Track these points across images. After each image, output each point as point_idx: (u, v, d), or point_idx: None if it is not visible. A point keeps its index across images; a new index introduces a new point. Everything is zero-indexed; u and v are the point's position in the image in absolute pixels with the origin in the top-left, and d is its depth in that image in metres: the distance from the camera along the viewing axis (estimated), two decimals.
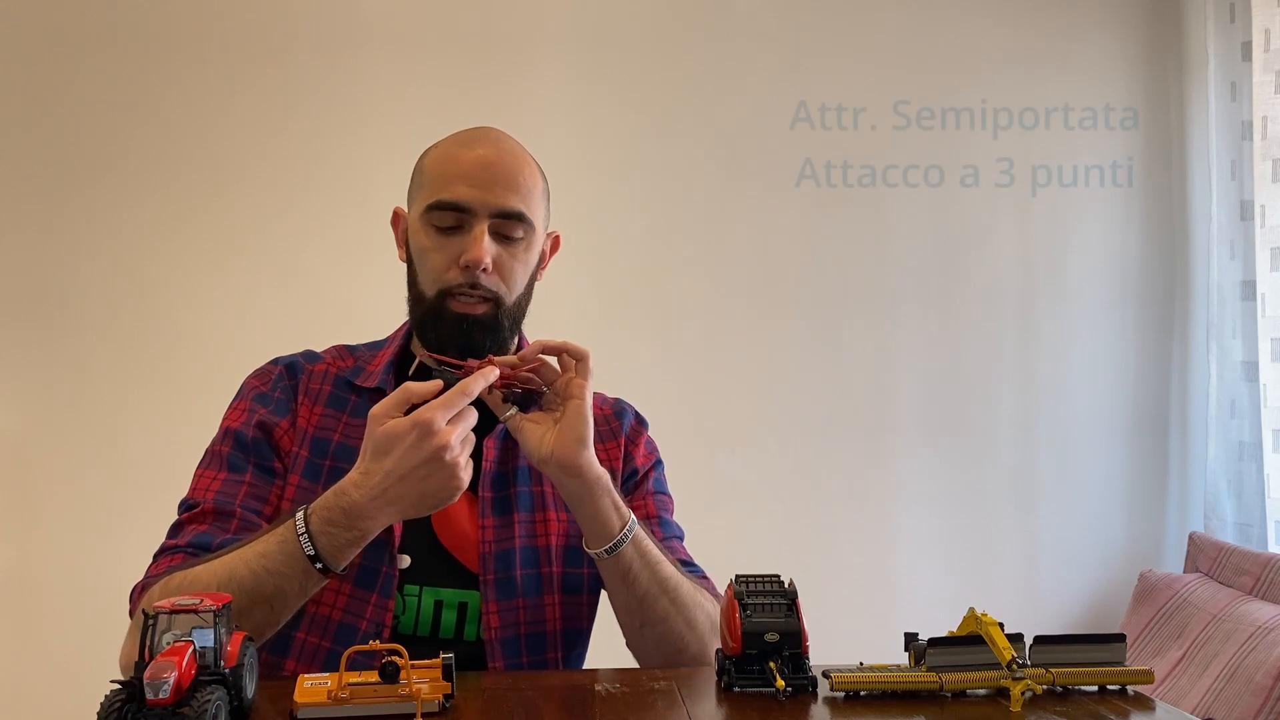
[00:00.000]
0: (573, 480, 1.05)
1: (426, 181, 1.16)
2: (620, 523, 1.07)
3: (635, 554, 1.08)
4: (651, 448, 1.29)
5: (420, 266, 1.16)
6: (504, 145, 1.17)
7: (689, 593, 1.12)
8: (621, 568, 1.08)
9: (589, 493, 1.06)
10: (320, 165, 2.41)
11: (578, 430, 1.05)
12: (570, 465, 1.04)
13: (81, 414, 2.31)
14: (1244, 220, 2.44)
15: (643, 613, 1.10)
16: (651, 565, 1.09)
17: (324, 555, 0.98)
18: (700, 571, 1.22)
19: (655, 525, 1.22)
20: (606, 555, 1.07)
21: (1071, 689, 0.92)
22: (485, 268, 1.11)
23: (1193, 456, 2.66)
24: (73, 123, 2.36)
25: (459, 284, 1.12)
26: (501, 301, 1.14)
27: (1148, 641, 2.30)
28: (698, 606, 1.12)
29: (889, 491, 2.59)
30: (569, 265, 2.51)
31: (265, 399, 1.18)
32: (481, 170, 1.13)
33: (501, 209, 1.13)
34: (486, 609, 1.13)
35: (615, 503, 1.08)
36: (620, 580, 1.09)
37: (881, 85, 2.56)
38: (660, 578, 1.10)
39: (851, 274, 2.58)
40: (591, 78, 2.52)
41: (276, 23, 2.43)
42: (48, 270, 2.35)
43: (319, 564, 0.98)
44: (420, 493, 0.98)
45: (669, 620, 1.10)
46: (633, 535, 1.08)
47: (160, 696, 0.70)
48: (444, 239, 1.13)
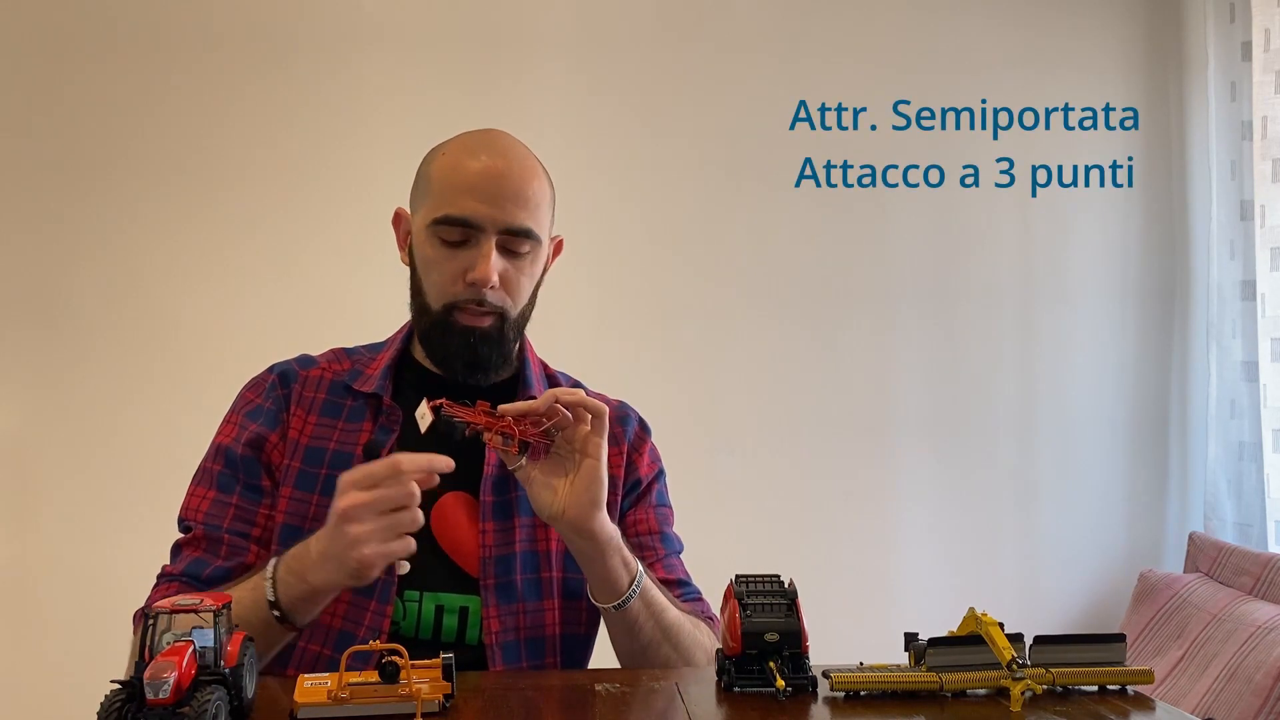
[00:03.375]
0: (584, 541, 1.04)
1: (434, 191, 1.14)
2: (629, 578, 1.07)
3: (642, 606, 1.08)
4: (655, 457, 1.28)
5: (426, 278, 1.16)
6: (512, 154, 1.16)
7: (689, 634, 1.12)
8: (628, 621, 1.08)
9: (600, 553, 1.05)
10: (321, 165, 2.41)
11: (593, 493, 1.02)
12: (583, 528, 1.03)
13: (81, 414, 2.31)
14: (1244, 220, 2.44)
15: (645, 659, 1.10)
16: (656, 614, 1.09)
17: (283, 605, 0.99)
18: (696, 593, 1.22)
19: (657, 540, 1.22)
20: (614, 610, 1.07)
21: (1071, 689, 0.92)
22: (493, 285, 1.11)
23: (1193, 456, 2.65)
24: (72, 123, 2.36)
25: (465, 299, 1.13)
26: (507, 315, 1.15)
27: (1148, 641, 2.29)
28: (697, 646, 1.12)
29: (889, 491, 2.59)
30: (569, 266, 2.51)
31: (256, 413, 1.18)
32: (490, 183, 1.12)
33: (510, 226, 1.12)
34: (487, 614, 1.12)
35: (625, 559, 1.07)
36: (625, 631, 1.09)
37: (881, 85, 2.56)
38: (664, 625, 1.09)
39: (851, 274, 2.58)
40: (592, 78, 2.52)
41: (277, 23, 2.42)
42: (48, 270, 2.35)
43: (277, 611, 0.99)
44: (336, 558, 0.96)
45: (669, 664, 1.10)
46: (640, 589, 1.07)
47: (160, 696, 0.70)
48: (451, 252, 1.13)
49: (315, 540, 0.99)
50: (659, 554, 1.20)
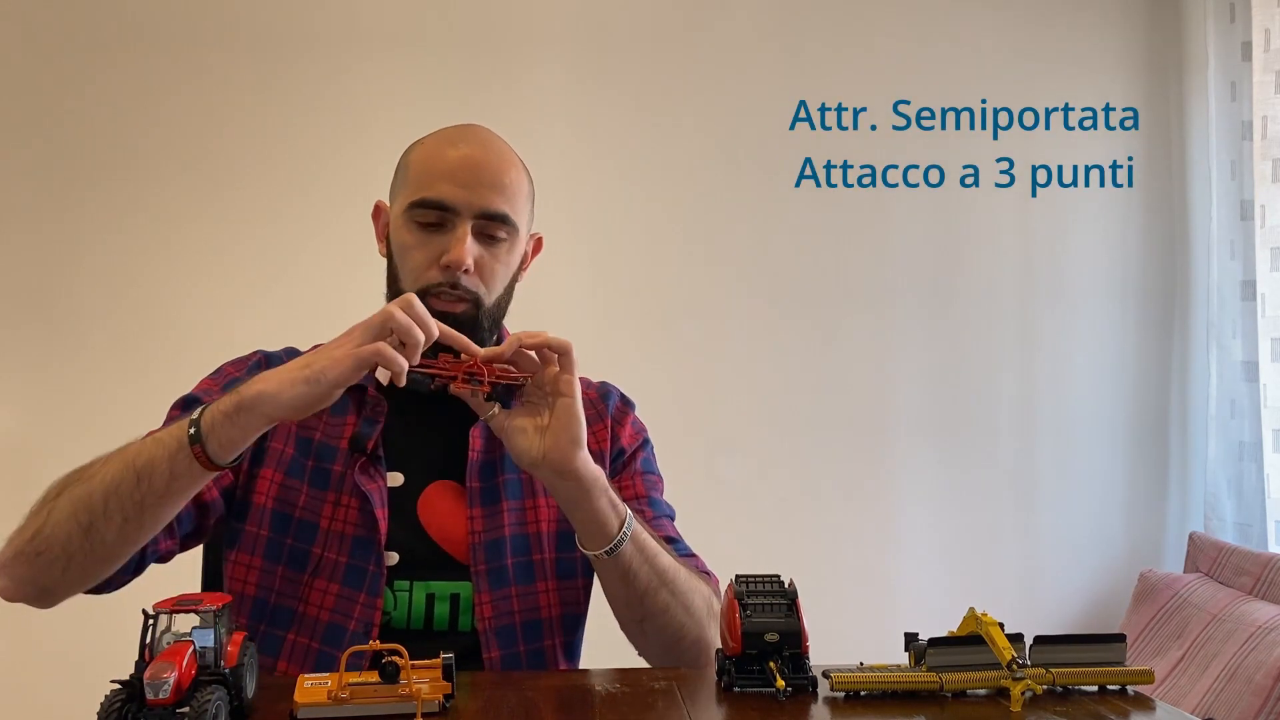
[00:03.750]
0: (568, 483, 1.02)
1: (411, 178, 1.15)
2: (618, 521, 1.04)
3: (634, 550, 1.05)
4: (638, 427, 1.27)
5: (401, 264, 1.15)
6: (491, 145, 1.17)
7: (686, 579, 1.10)
8: (621, 567, 1.05)
9: (586, 494, 1.02)
10: (319, 165, 2.41)
11: (571, 431, 1.00)
12: (565, 468, 1.01)
13: (81, 413, 2.31)
14: (1244, 220, 2.44)
15: (643, 607, 1.07)
16: (650, 558, 1.07)
17: (202, 421, 0.94)
18: (687, 549, 1.20)
19: (644, 504, 1.21)
20: (606, 556, 1.04)
21: (1071, 689, 0.92)
22: (467, 269, 1.11)
23: (1193, 456, 2.65)
24: (72, 124, 2.36)
25: (439, 283, 1.12)
26: (481, 302, 1.14)
27: (1148, 641, 2.29)
28: (694, 591, 1.10)
29: (889, 491, 2.59)
30: (569, 265, 2.52)
31: (234, 384, 1.18)
32: (467, 170, 1.12)
33: (485, 210, 1.12)
34: (479, 599, 1.12)
35: (612, 500, 1.05)
36: (620, 579, 1.06)
37: (881, 85, 2.56)
38: (659, 569, 1.07)
39: (851, 274, 2.58)
40: (591, 78, 2.52)
41: (275, 23, 2.43)
42: (48, 270, 2.35)
43: (192, 429, 0.93)
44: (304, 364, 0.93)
45: (669, 611, 1.08)
46: (631, 532, 1.05)
47: (160, 696, 0.70)
48: (426, 237, 1.13)
49: (277, 368, 0.96)
50: (647, 516, 1.18)
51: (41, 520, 0.98)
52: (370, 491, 1.12)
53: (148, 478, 0.94)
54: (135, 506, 0.95)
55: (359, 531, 1.12)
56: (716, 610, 1.11)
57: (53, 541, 0.97)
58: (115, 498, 0.94)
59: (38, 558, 0.98)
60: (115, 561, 1.00)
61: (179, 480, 0.95)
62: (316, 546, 1.12)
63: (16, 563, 0.99)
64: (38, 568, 0.98)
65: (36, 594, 1.02)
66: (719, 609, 1.11)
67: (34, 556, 0.98)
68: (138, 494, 0.94)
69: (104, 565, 1.00)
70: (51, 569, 0.98)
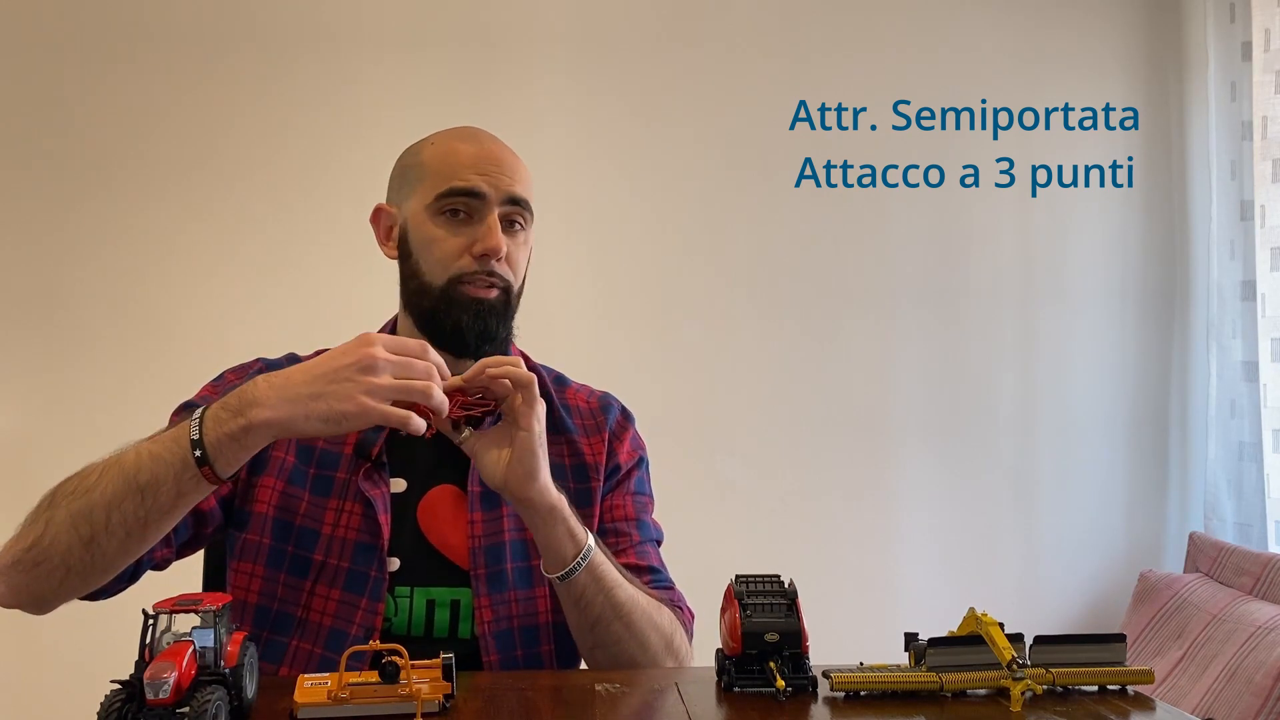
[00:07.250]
0: (525, 510, 1.05)
1: (430, 173, 1.17)
2: (574, 550, 1.06)
3: (589, 580, 1.06)
4: (637, 444, 1.28)
5: (427, 256, 1.16)
6: (497, 140, 1.21)
7: (644, 613, 1.10)
8: (575, 594, 1.07)
9: (542, 522, 1.05)
10: (320, 166, 2.41)
11: (526, 464, 1.03)
12: (521, 497, 1.04)
13: (81, 414, 2.31)
14: (1244, 220, 2.44)
15: (593, 636, 1.09)
16: (607, 590, 1.07)
17: (207, 443, 0.92)
18: (667, 581, 1.21)
19: (632, 526, 1.21)
20: (559, 581, 1.06)
21: (1071, 689, 0.92)
22: (501, 255, 1.14)
23: (1193, 456, 2.66)
24: (73, 125, 2.36)
25: (474, 270, 1.14)
26: (511, 289, 1.17)
27: (1148, 641, 2.29)
28: (652, 628, 1.11)
29: (889, 491, 2.59)
30: (570, 265, 2.52)
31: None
32: (487, 160, 1.16)
33: (511, 194, 1.16)
34: (479, 603, 1.13)
35: (570, 530, 1.06)
36: (573, 605, 1.08)
37: (881, 85, 2.56)
38: (615, 602, 1.08)
39: (851, 274, 2.58)
40: (591, 78, 2.52)
41: (276, 24, 2.42)
42: (48, 271, 2.35)
43: (198, 451, 0.92)
44: (317, 394, 0.92)
45: (621, 643, 1.09)
46: (587, 562, 1.06)
47: (160, 696, 0.70)
48: (454, 228, 1.15)
49: (296, 372, 0.94)
50: (633, 540, 1.20)
51: (40, 530, 0.97)
52: (374, 497, 1.13)
53: (153, 494, 0.94)
54: (139, 522, 0.95)
55: (361, 537, 1.12)
56: (678, 647, 1.13)
57: (52, 552, 0.97)
58: (118, 513, 0.94)
59: (36, 568, 0.98)
60: (113, 572, 1.00)
61: (185, 498, 0.95)
62: (318, 553, 1.12)
63: (13, 571, 0.99)
64: (35, 577, 0.98)
65: (32, 602, 1.01)
66: (681, 646, 1.13)
67: (32, 566, 0.98)
68: (141, 510, 0.94)
69: (102, 576, 1.00)
70: (49, 579, 0.98)
